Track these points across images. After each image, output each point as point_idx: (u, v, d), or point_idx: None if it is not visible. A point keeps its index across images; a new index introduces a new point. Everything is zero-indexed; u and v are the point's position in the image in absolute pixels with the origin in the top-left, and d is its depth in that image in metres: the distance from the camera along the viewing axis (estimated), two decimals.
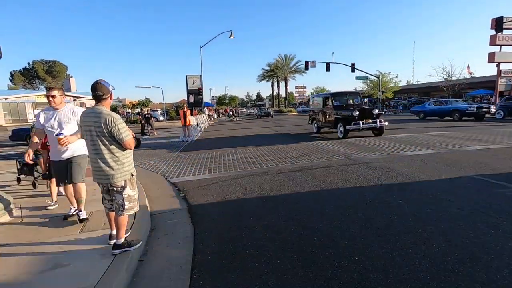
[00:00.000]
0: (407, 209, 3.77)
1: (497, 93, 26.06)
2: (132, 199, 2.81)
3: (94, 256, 2.78)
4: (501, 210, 3.55)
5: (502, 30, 24.02)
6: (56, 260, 2.72)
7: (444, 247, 2.79)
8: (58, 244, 3.05)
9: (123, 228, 2.80)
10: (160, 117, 38.08)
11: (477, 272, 2.36)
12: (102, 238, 3.14)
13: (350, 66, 29.84)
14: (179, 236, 3.40)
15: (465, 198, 4.06)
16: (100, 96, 2.67)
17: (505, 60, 25.24)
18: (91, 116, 2.64)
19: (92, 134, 2.63)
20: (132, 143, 2.71)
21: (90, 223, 3.61)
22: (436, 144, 8.66)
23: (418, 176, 5.26)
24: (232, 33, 27.57)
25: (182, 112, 14.47)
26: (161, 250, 3.09)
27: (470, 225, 3.23)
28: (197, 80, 35.17)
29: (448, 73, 34.12)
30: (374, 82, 38.32)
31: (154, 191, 5.28)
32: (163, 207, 4.44)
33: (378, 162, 6.63)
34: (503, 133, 10.40)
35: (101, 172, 2.68)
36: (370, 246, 2.90)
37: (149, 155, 9.63)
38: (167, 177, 6.35)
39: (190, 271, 2.64)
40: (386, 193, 4.47)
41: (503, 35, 24.26)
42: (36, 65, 60.70)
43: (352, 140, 10.57)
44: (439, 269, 2.43)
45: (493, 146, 7.93)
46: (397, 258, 2.63)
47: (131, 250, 2.82)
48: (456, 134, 10.68)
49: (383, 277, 2.38)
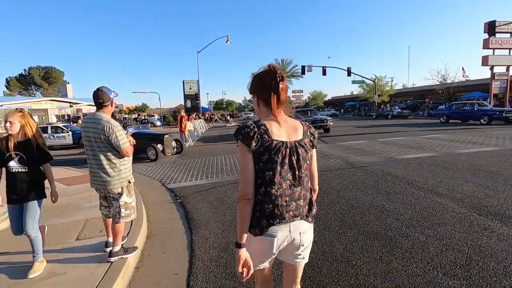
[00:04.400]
0: (403, 212, 3.78)
1: (492, 95, 26.38)
2: (129, 207, 2.79)
3: (90, 264, 2.75)
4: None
5: (495, 34, 24.38)
6: (50, 269, 2.69)
7: (441, 250, 2.80)
8: (53, 252, 3.02)
9: (120, 235, 2.79)
10: (157, 122, 38.03)
11: (473, 276, 2.37)
12: (98, 246, 3.12)
13: (346, 70, 30.08)
14: (176, 242, 3.38)
15: (460, 200, 4.08)
16: (101, 104, 2.68)
17: (498, 63, 25.60)
18: (91, 123, 2.65)
19: (91, 140, 2.64)
20: (129, 150, 2.72)
21: (86, 230, 3.58)
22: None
23: (415, 179, 5.28)
24: (229, 38, 27.71)
25: (180, 117, 14.39)
26: (158, 257, 3.07)
27: (467, 228, 3.24)
28: (194, 85, 35.23)
29: (443, 77, 34.49)
30: (370, 86, 38.62)
31: (151, 197, 5.25)
32: (160, 213, 4.42)
33: (374, 165, 6.66)
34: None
35: (99, 178, 2.67)
36: (368, 250, 2.90)
37: (146, 160, 9.59)
38: (164, 183, 6.32)
39: (187, 278, 2.62)
40: (383, 196, 4.48)
41: (496, 38, 24.62)
42: (32, 71, 60.56)
43: (347, 144, 10.61)
44: (437, 272, 2.44)
45: (488, 149, 8.00)
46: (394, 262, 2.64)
47: (128, 257, 2.80)
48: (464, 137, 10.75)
49: (380, 281, 2.38)
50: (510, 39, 25.07)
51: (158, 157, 9.56)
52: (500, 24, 23.76)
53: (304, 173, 1.40)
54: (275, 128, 1.36)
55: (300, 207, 1.40)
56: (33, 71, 60.63)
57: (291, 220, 1.38)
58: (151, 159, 9.53)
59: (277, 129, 1.36)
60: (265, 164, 1.32)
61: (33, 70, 60.79)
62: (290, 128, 1.41)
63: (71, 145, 15.86)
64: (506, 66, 26.05)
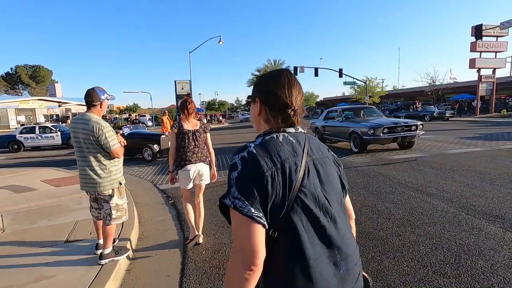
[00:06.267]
0: (394, 212, 3.84)
1: (479, 97, 27.02)
2: (120, 208, 2.75)
3: (80, 267, 2.70)
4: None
5: (481, 37, 24.99)
6: (39, 272, 2.63)
7: (431, 249, 2.85)
8: (42, 255, 2.95)
9: (111, 237, 2.74)
10: (148, 123, 37.63)
11: (462, 274, 2.42)
12: (88, 248, 3.06)
13: (337, 72, 30.33)
14: (168, 244, 3.35)
15: (449, 200, 4.17)
16: (90, 102, 2.64)
17: (485, 66, 26.27)
18: (80, 123, 2.60)
19: (79, 141, 2.59)
20: (120, 151, 2.68)
21: (76, 232, 3.51)
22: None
23: (405, 179, 5.37)
24: (221, 38, 27.64)
25: (165, 118, 13.28)
26: (150, 259, 3.03)
27: (456, 227, 3.31)
28: (186, 86, 34.93)
29: (432, 78, 35.19)
30: (361, 87, 39.04)
31: (142, 198, 5.19)
32: (151, 214, 4.37)
33: (366, 166, 6.74)
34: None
35: (88, 180, 2.62)
36: (360, 250, 2.92)
37: (137, 161, 9.47)
38: (155, 184, 6.26)
39: (180, 280, 2.60)
40: (374, 196, 4.54)
41: (483, 42, 25.26)
42: (20, 70, 59.15)
43: (340, 144, 10.72)
44: (427, 271, 2.48)
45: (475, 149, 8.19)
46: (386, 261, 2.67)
47: (119, 259, 2.76)
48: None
49: (372, 280, 2.41)
50: (496, 42, 25.77)
51: (155, 158, 9.40)
52: (487, 28, 24.37)
53: (201, 144, 3.17)
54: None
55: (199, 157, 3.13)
56: (20, 69, 59.22)
57: (196, 162, 3.12)
58: (147, 160, 9.36)
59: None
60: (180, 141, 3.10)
61: (20, 68, 59.37)
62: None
63: (60, 146, 15.56)
64: (493, 69, 26.76)
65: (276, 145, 0.84)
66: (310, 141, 0.94)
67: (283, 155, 0.82)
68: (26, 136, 15.27)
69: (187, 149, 3.06)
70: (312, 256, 0.79)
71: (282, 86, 0.91)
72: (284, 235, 0.80)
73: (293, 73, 0.94)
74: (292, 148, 0.86)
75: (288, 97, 0.90)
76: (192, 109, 3.17)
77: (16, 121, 39.38)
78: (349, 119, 10.06)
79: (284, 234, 0.80)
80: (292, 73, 0.96)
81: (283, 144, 0.85)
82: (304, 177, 0.83)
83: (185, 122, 3.13)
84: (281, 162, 0.81)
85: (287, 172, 0.80)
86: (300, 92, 0.93)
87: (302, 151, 0.87)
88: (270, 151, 0.82)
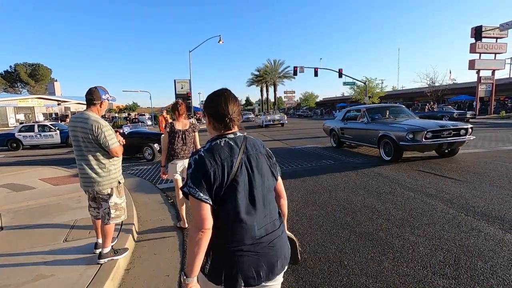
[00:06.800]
0: (394, 213, 3.84)
1: (478, 99, 27.09)
2: (118, 208, 2.74)
3: (79, 266, 2.69)
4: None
5: (481, 38, 25.08)
6: (38, 271, 2.62)
7: (430, 250, 2.85)
8: (40, 254, 2.94)
9: (110, 236, 2.73)
10: (148, 122, 37.55)
11: (462, 275, 2.42)
12: (87, 247, 3.05)
13: (337, 72, 30.35)
14: (167, 243, 3.34)
15: (449, 201, 4.17)
16: (90, 100, 2.63)
17: (485, 67, 26.33)
18: (79, 122, 2.58)
19: (78, 139, 2.57)
20: (119, 150, 2.67)
21: (75, 232, 3.50)
22: None
23: (404, 180, 5.37)
24: (221, 38, 27.60)
25: (162, 117, 12.74)
26: (149, 258, 3.02)
27: (455, 228, 3.31)
28: (185, 85, 34.95)
29: (431, 79, 35.24)
30: (361, 88, 39.09)
31: (141, 197, 5.18)
32: (150, 214, 4.36)
33: (365, 166, 6.74)
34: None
35: (87, 179, 2.61)
36: (360, 250, 2.93)
37: (137, 160, 9.46)
38: (155, 183, 6.25)
39: (179, 280, 2.59)
40: (374, 197, 4.54)
41: (482, 43, 25.33)
42: (19, 68, 59.02)
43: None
44: (426, 271, 2.48)
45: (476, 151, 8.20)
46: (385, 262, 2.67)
47: (118, 259, 2.75)
48: None
49: (372, 281, 2.41)
50: (496, 44, 25.84)
51: (155, 157, 9.32)
52: (486, 29, 24.46)
53: (189, 143, 3.61)
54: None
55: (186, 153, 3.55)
56: (19, 68, 59.09)
57: (183, 158, 3.55)
58: (148, 159, 9.32)
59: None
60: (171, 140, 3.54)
61: (19, 67, 59.23)
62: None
63: (59, 144, 15.52)
64: (492, 70, 26.82)
65: (218, 149, 1.16)
66: (247, 141, 1.25)
67: (223, 156, 1.15)
68: (25, 134, 15.22)
69: (176, 146, 3.53)
70: (244, 219, 1.15)
71: (220, 102, 1.22)
72: (223, 208, 1.15)
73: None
74: (230, 150, 1.17)
75: (225, 109, 1.20)
76: (182, 111, 3.61)
77: (15, 119, 39.32)
78: (376, 120, 8.33)
79: (223, 207, 1.15)
80: (230, 91, 1.28)
81: (224, 147, 1.17)
82: (238, 169, 1.15)
83: (176, 122, 3.58)
84: (221, 161, 1.13)
85: (225, 168, 1.13)
86: (235, 104, 1.24)
87: (239, 150, 1.19)
88: (214, 154, 1.14)
